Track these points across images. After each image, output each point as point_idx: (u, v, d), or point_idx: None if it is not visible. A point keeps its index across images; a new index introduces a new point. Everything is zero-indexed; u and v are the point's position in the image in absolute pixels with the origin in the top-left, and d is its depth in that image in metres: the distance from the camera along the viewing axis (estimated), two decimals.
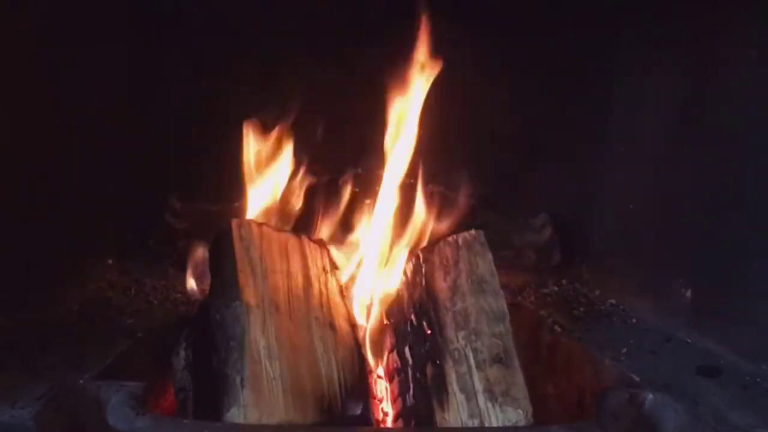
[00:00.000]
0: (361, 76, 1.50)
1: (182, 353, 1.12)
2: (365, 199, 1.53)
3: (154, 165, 1.71)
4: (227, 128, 1.52)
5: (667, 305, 1.37)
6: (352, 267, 1.43)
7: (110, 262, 1.65)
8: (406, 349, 1.15)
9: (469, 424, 1.00)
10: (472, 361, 1.05)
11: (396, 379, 1.16)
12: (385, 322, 1.26)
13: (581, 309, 1.52)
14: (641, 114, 1.53)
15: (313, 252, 1.26)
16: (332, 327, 1.16)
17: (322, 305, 1.19)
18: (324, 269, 1.26)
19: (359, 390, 1.11)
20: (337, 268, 1.30)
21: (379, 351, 1.26)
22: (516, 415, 1.00)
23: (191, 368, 1.10)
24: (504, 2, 1.65)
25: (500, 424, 0.99)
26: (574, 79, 1.66)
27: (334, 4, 1.63)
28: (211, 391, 1.03)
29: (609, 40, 1.59)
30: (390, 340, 1.22)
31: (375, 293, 1.35)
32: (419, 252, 1.23)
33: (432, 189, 1.56)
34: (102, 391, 0.99)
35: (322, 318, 1.16)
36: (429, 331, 1.11)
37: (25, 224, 1.28)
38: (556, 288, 1.66)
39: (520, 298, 1.59)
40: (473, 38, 1.61)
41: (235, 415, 0.97)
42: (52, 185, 1.37)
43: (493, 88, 1.66)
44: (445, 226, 1.45)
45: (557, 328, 1.38)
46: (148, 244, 1.72)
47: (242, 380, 0.99)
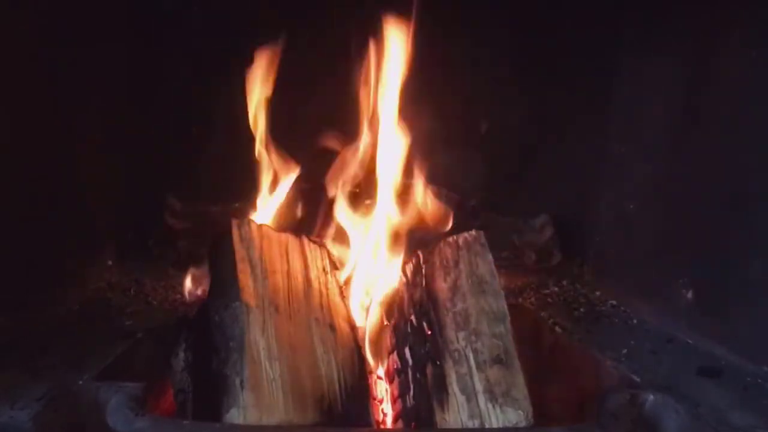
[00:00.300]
0: (360, 76, 1.50)
1: (182, 354, 1.12)
2: (365, 199, 1.52)
3: (154, 165, 1.71)
4: (227, 128, 1.52)
5: (668, 306, 1.37)
6: (352, 267, 1.43)
7: (110, 262, 1.65)
8: (407, 350, 1.14)
9: (470, 424, 1.00)
10: (472, 362, 1.05)
11: (396, 380, 1.16)
12: (385, 322, 1.26)
13: (582, 309, 1.51)
14: (641, 114, 1.53)
15: (313, 252, 1.26)
16: (332, 328, 1.16)
17: (322, 306, 1.18)
18: (324, 270, 1.26)
19: (359, 391, 1.11)
20: (337, 269, 1.30)
21: (379, 352, 1.26)
22: (516, 415, 1.00)
23: (191, 369, 1.10)
24: (504, 2, 1.65)
25: (500, 425, 0.99)
26: (574, 79, 1.66)
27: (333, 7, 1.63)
28: (210, 392, 1.02)
29: (609, 40, 1.59)
30: (390, 341, 1.22)
31: (375, 294, 1.35)
32: (419, 252, 1.22)
33: (432, 189, 1.56)
34: (101, 391, 0.99)
35: (322, 319, 1.16)
36: (429, 332, 1.11)
37: (25, 224, 1.27)
38: (556, 288, 1.66)
39: (520, 299, 1.58)
40: (473, 38, 1.62)
41: (235, 416, 0.97)
42: (52, 185, 1.37)
43: (493, 88, 1.66)
44: (445, 226, 1.44)
45: (558, 329, 1.38)
46: (148, 245, 1.72)
47: (242, 381, 0.99)
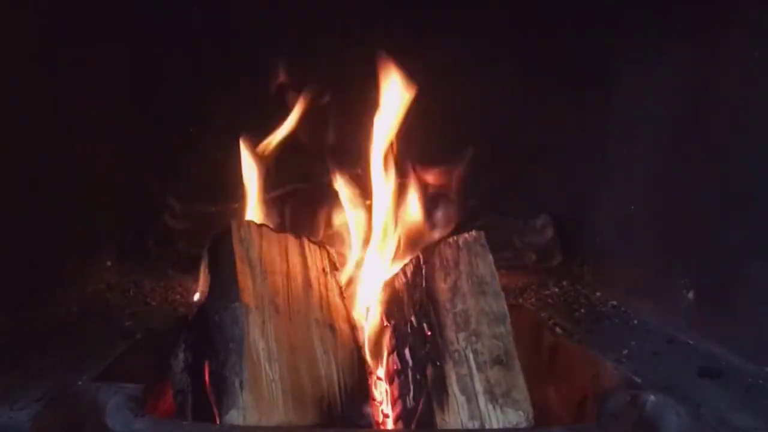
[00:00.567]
0: (360, 77, 1.50)
1: (181, 355, 1.11)
2: (365, 200, 1.52)
3: (154, 165, 1.71)
4: (227, 129, 1.52)
5: (669, 306, 1.37)
6: (352, 268, 1.43)
7: (109, 263, 1.65)
8: (406, 351, 1.14)
9: (470, 425, 0.99)
10: (472, 363, 1.04)
11: (396, 381, 1.15)
12: (385, 323, 1.25)
13: (582, 310, 1.51)
14: (642, 114, 1.53)
15: (312, 253, 1.26)
16: (332, 328, 1.16)
17: (321, 307, 1.18)
18: (324, 270, 1.25)
19: (359, 392, 1.11)
20: (337, 270, 1.29)
21: (379, 352, 1.25)
22: (517, 416, 0.99)
23: (190, 370, 1.10)
24: (504, 2, 1.65)
25: (501, 426, 0.99)
26: (574, 80, 1.65)
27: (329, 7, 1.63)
28: (210, 392, 1.02)
29: (610, 40, 1.59)
30: (390, 342, 1.21)
31: (375, 295, 1.34)
32: (419, 253, 1.22)
33: (432, 190, 1.55)
34: (101, 392, 0.99)
35: (321, 319, 1.16)
36: (429, 333, 1.10)
37: (24, 225, 1.27)
38: (556, 289, 1.66)
39: (520, 300, 1.58)
40: (473, 38, 1.62)
41: (235, 416, 0.97)
42: (51, 186, 1.36)
43: (494, 89, 1.66)
44: (445, 227, 1.44)
45: (558, 330, 1.38)
46: (147, 246, 1.72)
47: (241, 382, 0.99)
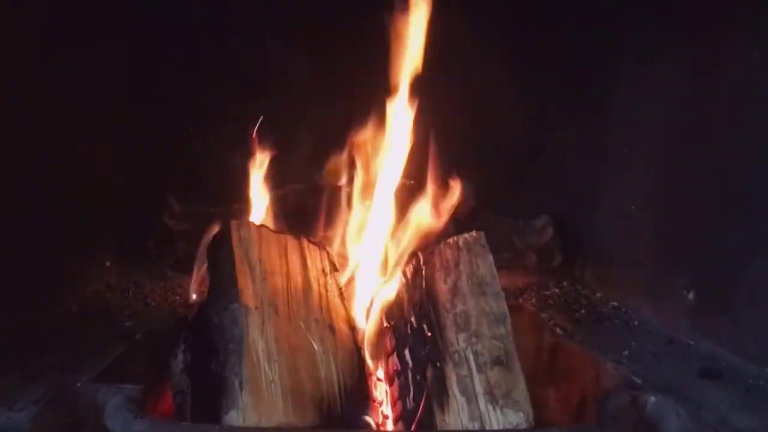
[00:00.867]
0: (360, 77, 1.50)
1: (180, 356, 1.11)
2: (365, 200, 1.52)
3: (154, 166, 1.71)
4: (226, 129, 1.52)
5: (669, 307, 1.36)
6: (352, 269, 1.43)
7: (109, 263, 1.65)
8: (406, 352, 1.14)
9: (470, 426, 0.99)
10: (472, 364, 1.04)
11: (396, 382, 1.15)
12: (385, 324, 1.25)
13: (582, 311, 1.51)
14: (642, 114, 1.53)
15: (312, 254, 1.26)
16: (332, 329, 1.16)
17: (321, 307, 1.18)
18: (323, 271, 1.25)
19: (359, 392, 1.11)
20: (336, 270, 1.29)
21: (379, 353, 1.25)
22: (517, 417, 0.99)
23: (190, 371, 1.10)
24: (504, 2, 1.64)
25: (501, 427, 0.99)
26: (574, 80, 1.65)
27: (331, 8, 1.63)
28: (209, 393, 1.02)
29: (609, 40, 1.59)
30: (390, 343, 1.21)
31: (375, 295, 1.34)
32: (419, 254, 1.22)
33: (432, 190, 1.55)
34: (100, 393, 0.99)
35: (321, 320, 1.16)
36: (429, 334, 1.10)
37: (24, 225, 1.27)
38: (557, 290, 1.66)
39: (521, 300, 1.58)
40: (473, 39, 1.61)
41: (234, 417, 0.97)
42: (51, 186, 1.36)
43: (494, 89, 1.66)
44: (445, 227, 1.44)
45: (558, 330, 1.37)
46: (147, 246, 1.72)
47: (241, 383, 0.99)
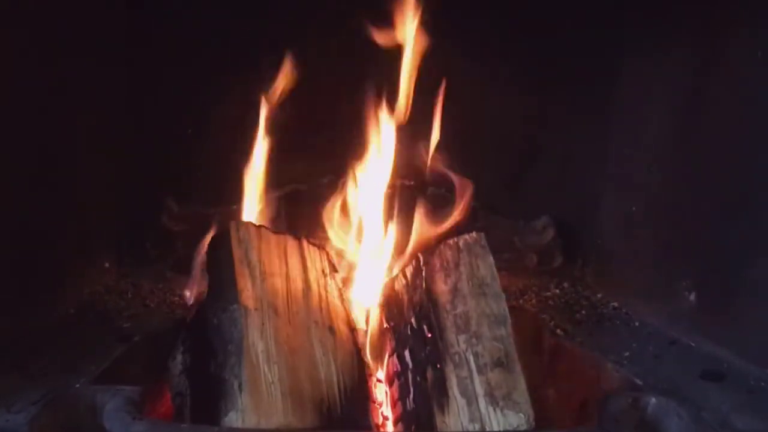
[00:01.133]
0: (359, 78, 1.49)
1: (179, 357, 1.11)
2: (365, 200, 1.52)
3: (152, 167, 1.70)
4: (225, 130, 1.52)
5: (671, 308, 1.36)
6: (352, 270, 1.42)
7: (107, 265, 1.64)
8: (406, 353, 1.14)
9: (470, 428, 0.99)
10: (472, 365, 1.04)
11: (396, 383, 1.15)
12: (385, 325, 1.25)
13: (583, 312, 1.51)
14: (643, 115, 1.53)
15: (312, 254, 1.25)
16: (331, 330, 1.15)
17: (321, 308, 1.17)
18: (323, 272, 1.25)
19: (359, 394, 1.10)
20: (336, 271, 1.28)
21: (379, 354, 1.25)
22: (517, 419, 0.99)
23: (188, 372, 1.09)
24: (504, 2, 1.64)
25: (501, 429, 0.98)
26: (575, 80, 1.65)
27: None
28: (208, 395, 1.01)
29: (609, 40, 1.59)
30: (390, 344, 1.21)
31: (375, 296, 1.34)
32: (419, 254, 1.21)
33: (432, 191, 1.55)
34: (98, 395, 0.99)
35: (321, 321, 1.15)
36: (429, 335, 1.10)
37: (21, 227, 1.27)
38: (557, 291, 1.65)
39: (521, 301, 1.58)
40: (473, 39, 1.61)
41: (233, 419, 0.96)
42: (48, 187, 1.36)
43: (494, 89, 1.66)
44: (445, 228, 1.43)
45: (559, 332, 1.37)
46: (146, 247, 1.71)
47: (240, 384, 0.98)
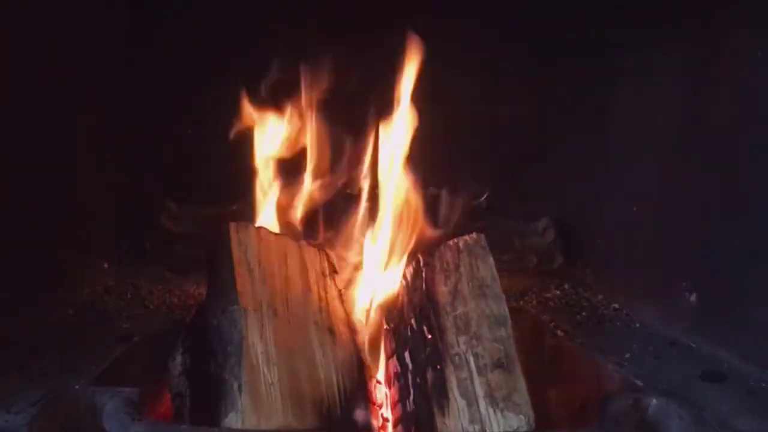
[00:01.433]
0: (359, 78, 1.49)
1: (179, 358, 1.11)
2: (365, 202, 1.52)
3: (152, 168, 1.70)
4: (224, 131, 1.52)
5: (672, 309, 1.36)
6: (352, 271, 1.42)
7: (106, 265, 1.64)
8: (406, 354, 1.14)
9: (470, 429, 0.99)
10: (473, 366, 1.04)
11: (396, 385, 1.15)
12: (384, 326, 1.25)
13: (584, 313, 1.51)
14: (644, 116, 1.52)
15: (311, 256, 1.25)
16: (331, 332, 1.15)
17: (321, 310, 1.17)
18: (323, 273, 1.25)
19: (358, 395, 1.10)
20: (336, 272, 1.29)
21: (379, 356, 1.25)
22: (517, 420, 0.99)
23: (188, 373, 1.09)
24: (504, 2, 1.64)
25: (502, 430, 0.98)
26: (575, 81, 1.65)
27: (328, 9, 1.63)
28: (208, 396, 1.01)
29: (609, 40, 1.59)
30: (390, 345, 1.21)
31: (375, 297, 1.34)
32: (419, 256, 1.21)
33: (433, 192, 1.55)
34: (97, 396, 0.99)
35: (321, 322, 1.15)
36: (429, 336, 1.10)
37: (20, 227, 1.27)
38: (558, 292, 1.65)
39: (521, 302, 1.58)
40: (473, 39, 1.61)
41: (233, 420, 0.96)
42: (48, 188, 1.36)
43: (494, 90, 1.65)
44: (446, 229, 1.43)
45: (559, 333, 1.37)
46: (145, 248, 1.71)
47: (240, 385, 0.98)
